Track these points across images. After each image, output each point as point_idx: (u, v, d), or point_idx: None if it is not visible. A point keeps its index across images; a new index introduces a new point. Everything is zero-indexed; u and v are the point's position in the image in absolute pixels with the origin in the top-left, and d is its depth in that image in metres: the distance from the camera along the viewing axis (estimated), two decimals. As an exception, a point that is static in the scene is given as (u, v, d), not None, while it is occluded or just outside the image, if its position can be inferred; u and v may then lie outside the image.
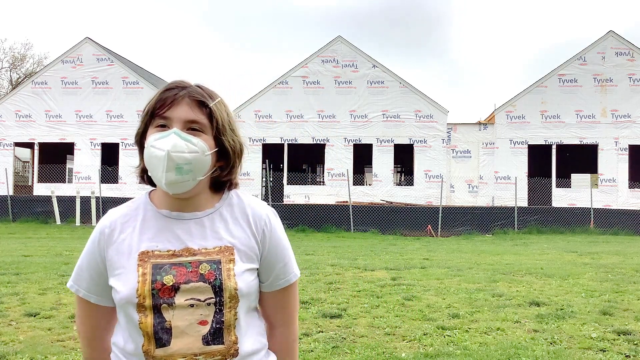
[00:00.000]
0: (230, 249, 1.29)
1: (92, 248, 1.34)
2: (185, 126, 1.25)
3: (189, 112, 1.26)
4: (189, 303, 1.23)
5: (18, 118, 22.84)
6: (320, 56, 22.53)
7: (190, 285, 1.24)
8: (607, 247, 14.15)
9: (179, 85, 1.29)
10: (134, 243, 1.29)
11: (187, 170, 1.23)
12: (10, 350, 4.45)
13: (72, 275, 1.37)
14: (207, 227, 1.31)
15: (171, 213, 1.32)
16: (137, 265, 1.26)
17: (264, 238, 1.34)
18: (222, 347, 1.25)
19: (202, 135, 1.27)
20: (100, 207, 19.66)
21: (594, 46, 21.70)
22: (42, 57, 48.27)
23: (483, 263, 10.36)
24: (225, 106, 1.33)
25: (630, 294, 7.16)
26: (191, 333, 1.23)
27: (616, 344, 4.85)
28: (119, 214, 1.37)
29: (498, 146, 21.68)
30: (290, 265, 1.38)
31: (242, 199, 1.39)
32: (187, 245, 1.28)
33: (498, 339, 4.97)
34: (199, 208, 1.33)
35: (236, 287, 1.26)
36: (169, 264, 1.26)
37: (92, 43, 23.14)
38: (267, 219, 1.36)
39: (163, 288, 1.23)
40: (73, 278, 1.37)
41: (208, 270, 1.25)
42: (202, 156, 1.25)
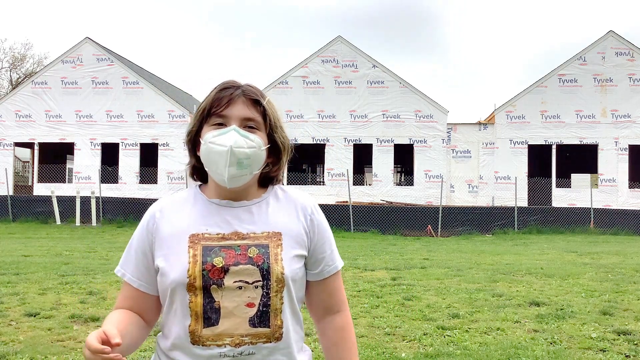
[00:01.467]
0: (278, 234, 1.34)
1: (141, 231, 1.39)
2: (242, 123, 1.32)
3: (246, 110, 1.33)
4: (238, 285, 1.27)
5: (18, 118, 22.84)
6: (320, 56, 22.53)
7: (239, 267, 1.27)
8: (607, 247, 14.15)
9: (234, 84, 1.36)
10: (185, 226, 1.33)
11: (246, 165, 1.30)
12: (10, 350, 4.45)
13: (120, 261, 1.41)
14: (255, 214, 1.36)
15: (221, 201, 1.37)
16: (187, 247, 1.30)
17: (312, 226, 1.39)
18: (268, 330, 1.28)
19: (257, 132, 1.33)
20: (100, 207, 19.66)
21: (594, 46, 21.70)
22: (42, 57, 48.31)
23: (483, 263, 10.36)
24: (273, 105, 1.39)
25: (630, 294, 7.16)
26: (239, 314, 1.26)
27: (616, 344, 4.85)
28: (169, 201, 1.42)
29: (498, 146, 21.68)
30: (336, 254, 1.44)
31: (287, 191, 1.45)
32: (236, 229, 1.33)
33: (498, 339, 4.97)
34: (246, 198, 1.38)
35: (283, 272, 1.29)
36: (218, 246, 1.30)
37: (92, 43, 23.14)
38: (314, 208, 1.42)
39: (213, 269, 1.27)
40: (121, 263, 1.40)
41: (256, 254, 1.29)
42: (259, 151, 1.31)
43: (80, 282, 7.58)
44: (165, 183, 22.13)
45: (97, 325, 5.26)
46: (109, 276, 8.14)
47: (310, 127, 22.17)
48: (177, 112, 22.46)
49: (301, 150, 23.88)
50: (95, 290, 6.96)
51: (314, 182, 29.53)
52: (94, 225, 19.09)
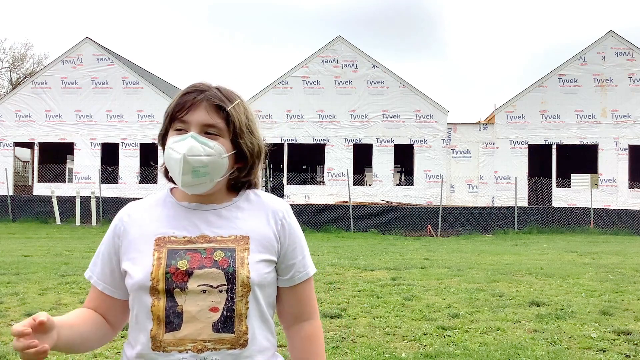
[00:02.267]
0: (245, 238, 1.31)
1: (109, 235, 1.37)
2: (202, 130, 1.29)
3: (206, 116, 1.29)
4: (202, 289, 1.24)
5: (18, 118, 22.84)
6: (320, 56, 22.53)
7: (204, 270, 1.25)
8: (607, 247, 14.15)
9: (198, 88, 1.33)
10: (152, 229, 1.32)
11: (203, 173, 1.27)
12: (11, 350, 4.45)
13: (90, 263, 1.40)
14: (224, 217, 1.34)
15: (190, 204, 1.36)
16: (153, 249, 1.28)
17: (283, 231, 1.36)
18: (232, 335, 1.26)
19: (219, 139, 1.30)
20: (100, 207, 19.67)
21: (594, 46, 21.70)
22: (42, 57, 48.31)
23: (483, 263, 10.36)
24: (244, 108, 1.36)
25: (630, 294, 7.16)
26: (202, 319, 1.24)
27: (616, 344, 4.85)
28: (138, 205, 1.41)
29: (498, 146, 21.68)
30: (308, 259, 1.41)
31: (259, 195, 1.42)
32: (203, 232, 1.31)
33: (498, 339, 4.97)
34: (216, 201, 1.36)
35: (248, 276, 1.26)
36: (184, 249, 1.28)
37: (92, 43, 23.14)
38: (285, 213, 1.39)
39: (177, 272, 1.25)
40: (90, 265, 1.40)
41: (222, 257, 1.27)
42: (219, 159, 1.28)
43: (80, 282, 7.58)
44: (165, 183, 21.85)
45: (97, 325, 5.26)
46: (109, 276, 8.14)
47: (310, 127, 22.17)
48: (177, 112, 22.44)
49: (301, 150, 23.88)
50: (95, 290, 6.95)
51: (314, 182, 29.53)
52: (94, 225, 19.10)
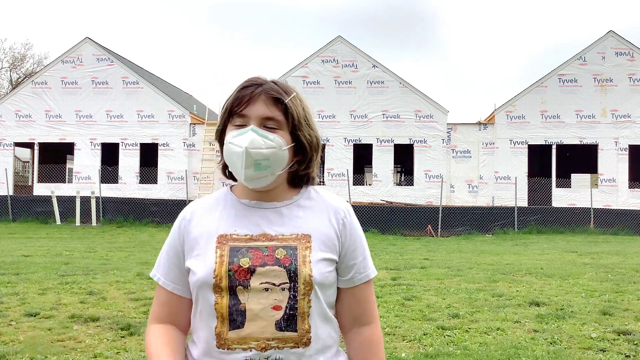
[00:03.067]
0: (307, 236, 1.31)
1: (173, 235, 1.38)
2: (262, 123, 1.29)
3: (265, 109, 1.29)
4: (264, 287, 1.24)
5: (18, 118, 22.84)
6: (320, 56, 22.53)
7: (266, 268, 1.25)
8: (607, 247, 14.15)
9: (255, 82, 1.34)
10: (214, 227, 1.32)
11: (265, 166, 1.27)
12: (10, 350, 4.45)
13: (155, 265, 1.41)
14: (285, 216, 1.34)
15: (250, 202, 1.36)
16: (215, 247, 1.29)
17: (344, 230, 1.35)
18: (295, 334, 1.25)
19: (279, 132, 1.30)
20: (100, 207, 19.66)
21: (594, 46, 21.69)
22: (42, 57, 48.30)
23: (483, 263, 10.36)
24: (301, 101, 1.36)
25: (630, 294, 7.16)
26: (265, 317, 1.24)
27: (616, 344, 4.85)
28: (200, 203, 1.41)
29: (498, 146, 21.67)
30: (368, 261, 1.39)
31: (321, 193, 1.41)
32: (264, 231, 1.31)
33: (498, 339, 4.97)
34: (277, 199, 1.36)
35: (311, 274, 1.26)
36: (246, 247, 1.28)
37: (92, 43, 23.13)
38: (347, 212, 1.38)
39: (239, 270, 1.25)
40: (155, 267, 1.41)
41: (284, 255, 1.27)
42: (279, 151, 1.28)
43: (80, 282, 7.58)
44: (165, 183, 22.13)
45: (97, 325, 5.27)
46: (109, 276, 8.15)
47: (310, 127, 22.13)
48: (177, 112, 22.46)
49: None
50: (95, 290, 6.96)
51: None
52: (94, 225, 19.10)
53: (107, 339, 4.88)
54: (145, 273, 8.40)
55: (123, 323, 5.30)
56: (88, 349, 4.58)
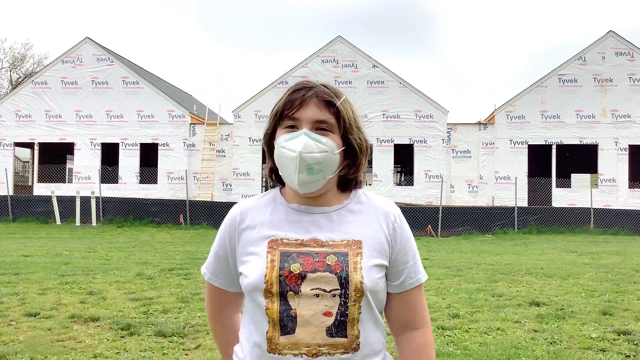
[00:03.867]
0: (358, 242, 1.29)
1: (222, 234, 1.39)
2: (314, 126, 1.28)
3: (317, 112, 1.28)
4: (315, 293, 1.23)
5: (18, 118, 22.84)
6: (320, 56, 22.53)
7: (317, 274, 1.24)
8: (607, 247, 14.15)
9: (306, 85, 1.32)
10: (264, 231, 1.32)
11: (317, 170, 1.26)
12: (10, 350, 4.45)
13: (206, 261, 1.45)
14: (335, 221, 1.32)
15: (300, 207, 1.34)
16: (266, 252, 1.28)
17: (395, 235, 1.35)
18: (345, 340, 1.24)
19: (330, 135, 1.28)
20: (100, 207, 19.66)
21: (594, 46, 21.69)
22: (42, 57, 48.31)
23: (483, 263, 10.36)
24: (350, 104, 1.34)
25: (630, 294, 7.16)
26: (315, 323, 1.23)
27: (616, 344, 4.85)
28: (250, 204, 1.40)
29: (498, 146, 21.67)
30: (419, 265, 1.39)
31: (370, 197, 1.40)
32: (315, 236, 1.30)
33: (498, 339, 4.97)
34: (327, 204, 1.34)
35: (362, 281, 1.24)
36: (296, 252, 1.27)
37: (92, 43, 23.13)
38: (397, 216, 1.38)
39: (290, 275, 1.24)
40: (205, 264, 1.45)
41: (335, 262, 1.25)
42: (332, 155, 1.27)
43: (80, 282, 7.58)
44: (165, 183, 22.13)
45: (97, 325, 5.27)
46: (109, 276, 8.15)
47: (310, 127, 22.14)
48: (177, 112, 22.46)
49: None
50: (95, 290, 6.96)
51: (314, 182, 29.55)
52: (94, 225, 19.09)
53: (107, 339, 4.88)
54: (145, 273, 8.40)
55: (123, 323, 5.30)
56: (88, 349, 4.58)
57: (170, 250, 12.27)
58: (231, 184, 21.97)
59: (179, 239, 15.16)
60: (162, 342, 4.81)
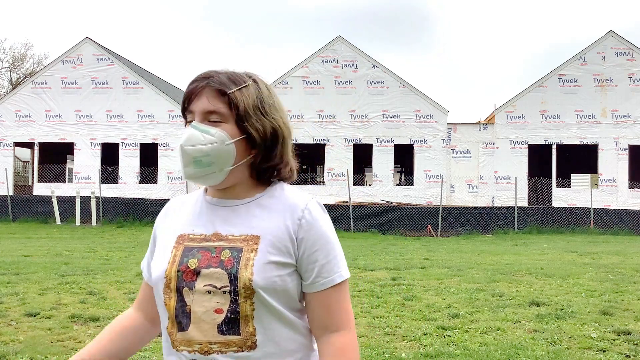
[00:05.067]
0: (255, 238, 1.24)
1: (153, 230, 1.41)
2: (204, 118, 1.24)
3: (207, 103, 1.24)
4: (207, 289, 1.21)
5: (18, 118, 22.84)
6: (320, 56, 22.53)
7: (210, 270, 1.21)
8: (607, 247, 14.15)
9: (203, 76, 1.28)
10: (178, 226, 1.32)
11: (207, 163, 1.22)
12: (10, 350, 4.45)
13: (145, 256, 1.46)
14: (241, 215, 1.28)
15: (212, 199, 1.32)
16: (173, 247, 1.28)
17: (300, 230, 1.25)
18: (238, 337, 1.20)
19: (223, 125, 1.24)
20: (100, 207, 19.65)
21: (594, 46, 21.69)
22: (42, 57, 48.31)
23: (483, 263, 10.36)
24: (259, 90, 1.29)
25: (630, 294, 7.16)
26: (207, 320, 1.20)
27: (616, 344, 4.85)
28: (177, 201, 1.41)
29: (498, 146, 21.68)
30: (334, 264, 1.27)
31: (286, 191, 1.32)
32: (217, 230, 1.27)
33: (498, 339, 4.97)
34: (238, 196, 1.30)
35: (251, 278, 1.19)
36: (197, 247, 1.25)
37: (92, 43, 23.13)
38: (307, 210, 1.27)
39: (187, 271, 1.23)
40: (145, 257, 1.45)
41: (228, 257, 1.22)
42: (222, 146, 1.22)
43: (80, 282, 7.58)
44: (165, 183, 22.13)
45: (97, 326, 5.27)
46: (109, 276, 8.15)
47: (310, 127, 22.17)
48: (177, 112, 22.44)
49: (301, 150, 23.86)
50: (95, 290, 6.96)
51: (314, 182, 29.52)
52: (94, 225, 19.09)
53: (107, 339, 4.87)
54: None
55: (123, 323, 5.29)
56: (88, 349, 4.57)
57: (170, 250, 12.25)
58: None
59: (179, 239, 15.13)
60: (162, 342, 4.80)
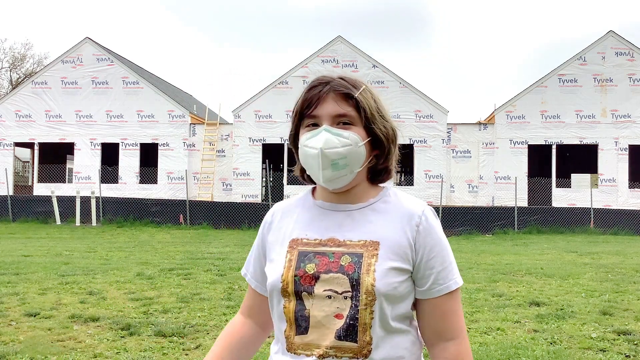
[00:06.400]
0: (375, 243, 1.24)
1: (258, 237, 1.42)
2: (334, 121, 1.26)
3: (336, 106, 1.27)
4: (327, 294, 1.21)
5: (18, 118, 22.84)
6: (320, 56, 22.53)
7: (330, 275, 1.22)
8: (607, 247, 14.15)
9: (322, 81, 1.33)
10: (288, 231, 1.32)
11: (343, 165, 1.24)
12: (10, 350, 4.45)
13: (245, 263, 1.47)
14: (357, 220, 1.29)
15: (324, 204, 1.33)
16: (286, 251, 1.29)
17: (418, 236, 1.28)
18: (355, 345, 1.20)
19: (353, 127, 1.26)
20: (100, 207, 19.66)
21: (594, 46, 21.69)
22: (42, 57, 48.32)
23: (483, 263, 10.36)
24: (371, 93, 1.33)
25: (630, 294, 7.16)
26: (327, 325, 1.21)
27: (616, 344, 4.85)
28: (282, 205, 1.42)
29: (498, 146, 21.68)
30: (450, 270, 1.29)
31: (399, 196, 1.35)
32: (333, 235, 1.27)
33: (498, 339, 4.97)
34: (353, 201, 1.31)
35: (373, 284, 1.19)
36: (313, 252, 1.26)
37: (92, 43, 23.13)
38: (424, 217, 1.31)
39: (305, 276, 1.23)
40: (245, 264, 1.46)
41: (349, 263, 1.22)
42: (356, 148, 1.24)
43: (80, 282, 7.58)
44: (165, 183, 22.12)
45: (97, 325, 5.27)
46: (109, 276, 8.15)
47: (310, 127, 22.15)
48: (177, 112, 22.46)
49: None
50: (95, 290, 6.96)
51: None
52: (94, 225, 19.09)
53: (107, 339, 4.88)
54: (145, 273, 8.40)
55: (123, 323, 5.30)
56: (88, 349, 4.58)
57: (170, 250, 12.27)
58: (231, 184, 21.97)
59: (179, 239, 15.16)
60: (162, 342, 4.81)
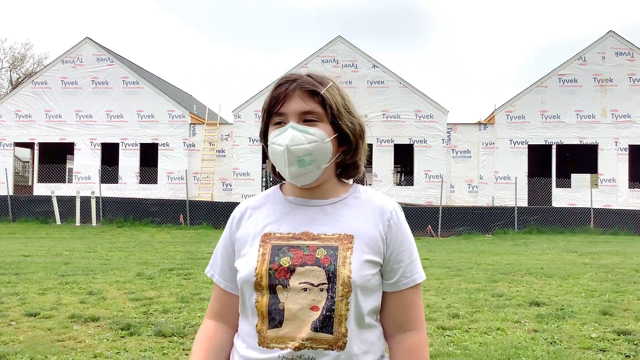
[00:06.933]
0: (349, 237, 1.28)
1: (225, 234, 1.41)
2: (300, 118, 1.28)
3: (302, 104, 1.29)
4: (303, 287, 1.24)
5: (18, 118, 22.84)
6: (320, 56, 22.53)
7: (305, 268, 1.24)
8: (607, 247, 14.15)
9: (289, 78, 1.32)
10: (259, 226, 1.34)
11: (309, 161, 1.26)
12: (10, 350, 4.45)
13: (210, 262, 1.45)
14: (330, 215, 1.32)
15: (296, 199, 1.35)
16: (259, 246, 1.30)
17: (390, 231, 1.33)
18: (330, 336, 1.23)
19: (319, 124, 1.29)
20: (100, 207, 19.65)
21: (594, 46, 21.69)
22: (42, 57, 48.32)
23: (483, 263, 10.36)
24: (339, 90, 1.34)
25: (630, 294, 7.16)
26: (302, 317, 1.23)
27: (616, 344, 4.85)
28: (250, 202, 1.43)
29: (498, 146, 21.67)
30: (416, 265, 1.36)
31: (369, 192, 1.39)
32: (307, 229, 1.30)
33: (498, 339, 4.97)
34: (324, 196, 1.35)
35: (349, 275, 1.23)
36: (287, 245, 1.28)
37: (92, 43, 23.13)
38: (394, 212, 1.36)
39: (280, 269, 1.25)
40: (210, 263, 1.44)
41: (324, 255, 1.25)
42: (322, 144, 1.27)
43: (80, 282, 7.58)
44: (165, 183, 22.12)
45: (97, 325, 5.27)
46: (109, 276, 8.15)
47: (310, 127, 22.16)
48: (177, 112, 22.46)
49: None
50: (95, 290, 6.96)
51: (314, 182, 29.58)
52: (94, 225, 19.09)
53: (107, 339, 4.88)
54: (145, 273, 8.40)
55: (123, 323, 5.30)
56: (88, 349, 4.58)
57: (170, 250, 12.27)
58: (231, 184, 21.97)
59: (179, 239, 15.16)
60: (162, 342, 4.81)
